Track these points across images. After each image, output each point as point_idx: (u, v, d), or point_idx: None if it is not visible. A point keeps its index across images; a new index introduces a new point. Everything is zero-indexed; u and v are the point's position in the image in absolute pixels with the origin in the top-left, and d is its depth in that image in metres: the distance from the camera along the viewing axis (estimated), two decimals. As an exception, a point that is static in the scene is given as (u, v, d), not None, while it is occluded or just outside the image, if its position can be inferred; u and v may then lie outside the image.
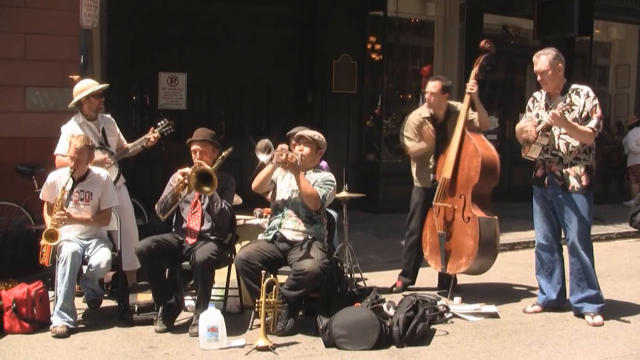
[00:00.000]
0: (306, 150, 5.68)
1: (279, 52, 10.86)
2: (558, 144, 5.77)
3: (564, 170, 5.76)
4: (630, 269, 8.20)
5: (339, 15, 10.78)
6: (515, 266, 8.01)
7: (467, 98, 6.37)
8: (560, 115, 5.49)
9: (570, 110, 5.60)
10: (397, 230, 8.18)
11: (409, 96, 12.70)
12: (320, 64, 10.94)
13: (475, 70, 6.43)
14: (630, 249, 9.68)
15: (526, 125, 5.81)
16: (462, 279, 6.69)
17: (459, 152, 6.33)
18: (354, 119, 11.29)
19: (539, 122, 5.77)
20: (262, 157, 5.44)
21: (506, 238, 9.09)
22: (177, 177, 5.61)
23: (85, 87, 6.20)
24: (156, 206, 5.65)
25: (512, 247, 9.25)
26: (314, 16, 10.89)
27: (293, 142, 5.81)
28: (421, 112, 6.69)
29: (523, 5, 12.16)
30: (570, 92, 5.74)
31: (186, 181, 5.46)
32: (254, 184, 5.67)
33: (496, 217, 6.33)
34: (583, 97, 5.69)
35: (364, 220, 9.89)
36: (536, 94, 6.04)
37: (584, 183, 5.74)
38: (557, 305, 6.08)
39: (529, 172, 6.22)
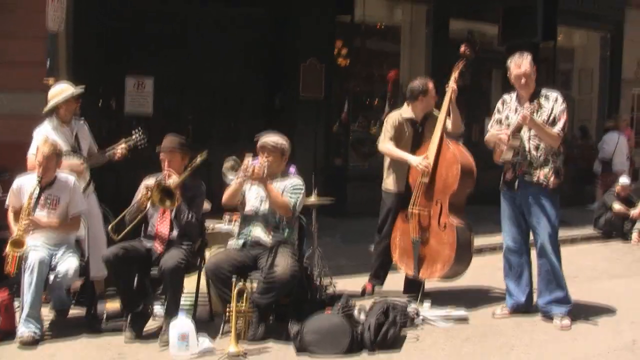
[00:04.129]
0: (270, 158, 5.64)
1: (249, 55, 10.79)
2: (528, 147, 5.85)
3: (533, 172, 5.83)
4: (595, 270, 8.33)
5: (308, 19, 10.75)
6: (482, 269, 8.04)
7: (446, 99, 6.31)
8: (530, 116, 5.57)
9: (538, 109, 5.68)
10: (365, 234, 8.17)
11: (376, 101, 12.74)
12: (289, 67, 10.91)
13: (455, 75, 6.42)
14: (595, 252, 9.84)
15: (499, 133, 5.86)
16: (431, 284, 6.70)
17: (436, 157, 6.32)
18: (321, 124, 11.25)
19: (509, 125, 5.85)
20: (231, 177, 5.44)
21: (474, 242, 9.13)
22: (141, 189, 5.57)
23: (62, 90, 6.10)
24: (109, 227, 5.60)
25: (479, 251, 9.28)
26: (284, 19, 10.85)
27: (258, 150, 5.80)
28: (403, 112, 6.63)
29: (488, 11, 12.28)
30: (539, 96, 5.82)
31: (149, 194, 5.42)
32: (224, 199, 5.66)
33: (470, 223, 6.37)
34: (552, 101, 5.81)
35: (331, 226, 9.86)
36: (506, 97, 6.10)
37: (551, 185, 5.83)
38: (526, 308, 6.15)
39: (496, 176, 6.28)
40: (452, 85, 6.34)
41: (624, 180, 11.07)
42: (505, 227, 6.14)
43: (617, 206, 10.68)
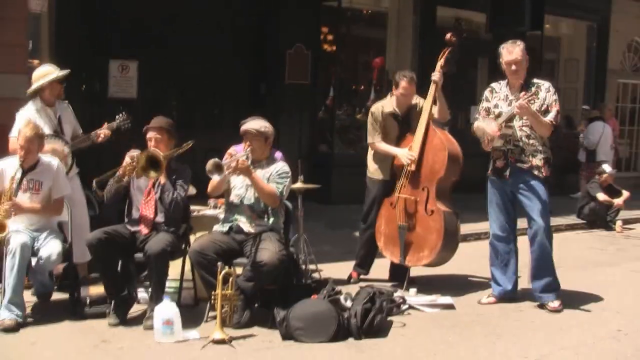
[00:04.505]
0: (253, 145, 5.57)
1: (234, 40, 10.71)
2: (520, 135, 5.83)
3: (525, 159, 5.83)
4: (579, 259, 8.35)
5: (294, 4, 10.67)
6: (468, 257, 8.01)
7: (432, 88, 6.31)
8: (527, 105, 5.56)
9: (535, 100, 5.68)
10: (351, 221, 8.15)
11: (362, 87, 12.70)
12: (274, 53, 10.83)
13: (441, 62, 6.41)
14: (579, 240, 9.87)
15: (487, 124, 5.84)
16: (416, 271, 6.69)
17: (423, 144, 6.30)
18: (306, 110, 11.23)
19: (499, 113, 5.83)
20: (216, 177, 5.33)
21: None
22: (125, 160, 5.46)
23: (47, 72, 6.02)
24: (94, 182, 5.52)
25: (465, 238, 9.25)
26: (269, 6, 10.76)
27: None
28: (385, 106, 6.58)
29: (477, -1, 12.24)
30: (531, 85, 5.81)
31: (134, 164, 5.33)
32: (210, 190, 5.59)
33: (457, 211, 6.39)
34: (544, 91, 5.81)
35: (316, 212, 9.83)
36: (494, 85, 6.08)
37: (543, 174, 5.84)
38: (512, 296, 6.16)
39: (480, 164, 6.28)
40: (437, 73, 6.32)
41: (607, 169, 11.11)
42: (492, 214, 6.13)
43: (602, 196, 10.73)
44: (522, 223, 6.18)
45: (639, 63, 15.94)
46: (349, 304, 5.23)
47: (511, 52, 5.80)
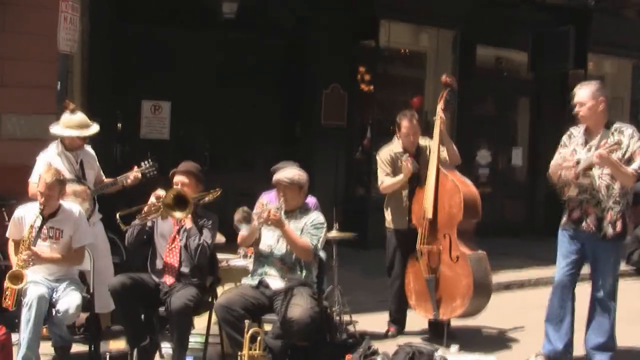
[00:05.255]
0: (287, 196, 5.29)
1: (267, 81, 10.52)
2: (599, 184, 5.39)
3: (599, 214, 5.41)
4: (633, 312, 7.84)
5: (329, 45, 10.48)
6: (510, 308, 7.66)
7: (437, 133, 6.18)
8: (607, 156, 5.12)
9: (618, 149, 5.22)
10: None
11: (399, 129, 12.42)
12: (310, 94, 10.62)
13: (440, 105, 6.26)
14: (630, 290, 9.31)
15: (564, 163, 5.44)
16: (457, 322, 6.35)
17: (436, 190, 6.11)
18: (342, 152, 10.96)
19: (578, 161, 5.40)
20: (244, 228, 5.08)
21: (499, 277, 8.73)
22: (151, 199, 5.23)
23: (74, 124, 5.81)
24: (117, 215, 5.28)
25: (507, 287, 8.89)
26: (303, 45, 10.58)
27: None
28: (393, 148, 6.42)
29: (517, 38, 11.99)
30: (613, 130, 5.36)
31: (160, 203, 5.08)
32: (240, 240, 5.30)
33: (484, 252, 6.13)
34: (627, 137, 5.31)
35: (351, 258, 9.49)
36: (573, 129, 5.63)
37: (618, 229, 5.41)
38: (562, 357, 5.72)
39: (521, 207, 5.99)
40: (439, 115, 6.18)
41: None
42: (560, 263, 5.74)
43: (653, 242, 10.21)
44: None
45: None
46: (386, 365, 4.88)
47: (577, 92, 5.42)
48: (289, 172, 5.35)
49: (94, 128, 5.93)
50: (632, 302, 8.36)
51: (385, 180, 6.38)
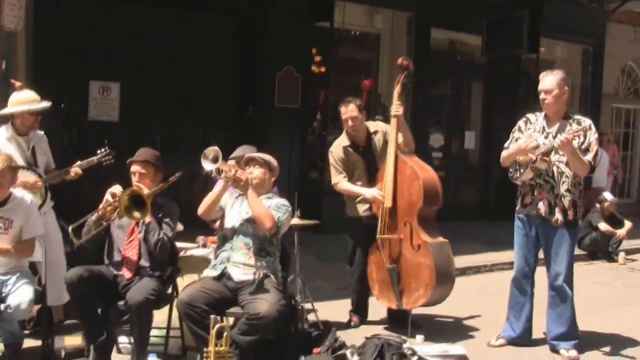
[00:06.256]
0: (256, 172, 5.10)
1: (220, 63, 10.27)
2: (552, 170, 5.47)
3: (552, 201, 5.48)
4: (587, 297, 7.88)
5: (284, 26, 10.25)
6: (469, 294, 7.61)
7: (394, 121, 5.99)
8: (570, 141, 5.19)
9: (581, 136, 5.34)
10: (343, 253, 7.70)
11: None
12: (264, 76, 10.39)
13: (397, 89, 6.10)
14: (582, 274, 9.33)
15: (527, 144, 5.44)
16: (415, 311, 6.22)
17: (395, 177, 5.96)
18: (297, 135, 10.76)
19: (536, 146, 5.43)
20: (207, 166, 4.81)
21: (456, 262, 8.70)
22: (106, 197, 4.96)
23: (23, 100, 5.50)
24: (70, 228, 5.00)
25: (463, 272, 8.86)
26: (258, 26, 10.33)
27: (242, 164, 5.24)
28: (341, 141, 6.26)
29: (472, 21, 11.96)
30: (571, 120, 5.47)
31: (116, 203, 4.82)
32: (201, 209, 5.03)
33: (447, 240, 6.02)
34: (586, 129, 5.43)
35: (305, 242, 9.32)
36: (530, 116, 5.72)
37: (569, 217, 5.50)
38: (520, 342, 5.82)
39: (474, 191, 5.93)
40: (396, 104, 6.01)
41: (608, 197, 10.75)
42: (518, 252, 5.79)
43: (604, 226, 10.35)
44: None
45: (632, 87, 15.79)
46: (355, 359, 4.75)
47: (543, 80, 5.50)
48: (263, 154, 5.16)
49: (45, 103, 5.62)
50: (586, 288, 8.45)
51: (342, 183, 6.20)
